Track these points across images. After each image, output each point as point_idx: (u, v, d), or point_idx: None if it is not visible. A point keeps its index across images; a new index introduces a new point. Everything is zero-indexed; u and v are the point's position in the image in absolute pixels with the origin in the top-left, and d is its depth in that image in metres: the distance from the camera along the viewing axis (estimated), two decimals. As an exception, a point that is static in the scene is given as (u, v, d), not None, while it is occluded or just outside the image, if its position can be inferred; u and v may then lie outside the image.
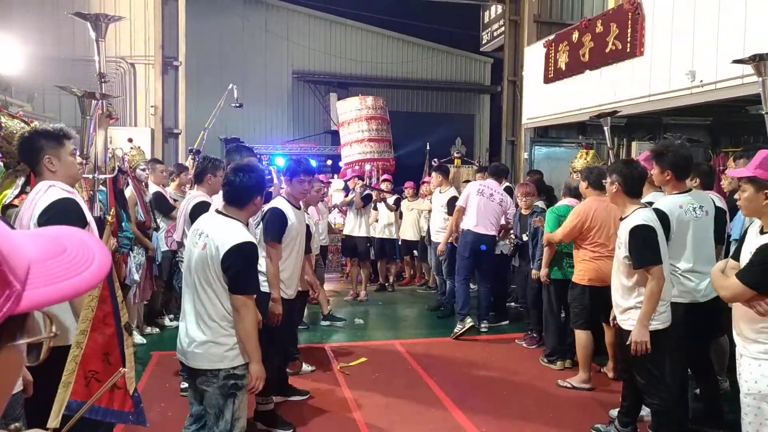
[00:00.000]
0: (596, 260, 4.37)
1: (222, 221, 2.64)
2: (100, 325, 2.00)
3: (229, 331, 2.54)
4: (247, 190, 2.65)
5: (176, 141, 9.51)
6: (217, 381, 2.53)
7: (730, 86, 5.94)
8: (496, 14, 11.73)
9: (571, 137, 10.20)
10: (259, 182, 2.71)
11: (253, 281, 2.61)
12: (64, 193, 2.36)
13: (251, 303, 2.56)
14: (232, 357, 2.55)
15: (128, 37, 9.08)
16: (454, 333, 5.86)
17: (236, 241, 2.51)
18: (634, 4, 7.33)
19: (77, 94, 3.07)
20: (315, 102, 16.18)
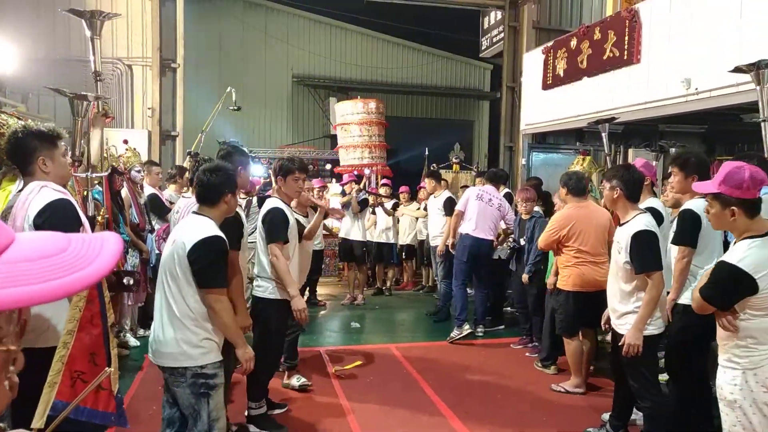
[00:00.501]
0: (579, 266, 4.40)
1: (193, 219, 2.69)
2: (87, 325, 1.99)
3: (194, 330, 2.52)
4: (216, 188, 2.69)
5: (174, 143, 9.50)
6: (185, 380, 2.52)
7: (725, 94, 5.97)
8: (496, 20, 11.77)
9: (569, 144, 10.22)
10: (228, 180, 2.74)
11: (221, 275, 2.57)
12: (57, 193, 2.35)
13: (224, 297, 2.56)
14: (197, 355, 2.52)
15: (125, 38, 9.08)
16: (451, 338, 5.85)
17: (203, 236, 2.52)
18: (632, 12, 7.36)
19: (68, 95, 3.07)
20: (314, 106, 16.18)
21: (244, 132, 15.27)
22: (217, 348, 2.60)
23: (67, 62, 8.62)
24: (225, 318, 2.55)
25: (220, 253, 2.57)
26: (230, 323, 2.58)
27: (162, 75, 9.39)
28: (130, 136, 8.06)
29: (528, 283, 5.42)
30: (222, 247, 2.57)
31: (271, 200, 3.81)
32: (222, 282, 2.57)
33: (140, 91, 9.37)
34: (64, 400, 1.87)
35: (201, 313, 2.53)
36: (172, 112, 9.62)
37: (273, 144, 15.05)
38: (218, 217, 2.72)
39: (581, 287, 4.36)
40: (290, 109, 16.03)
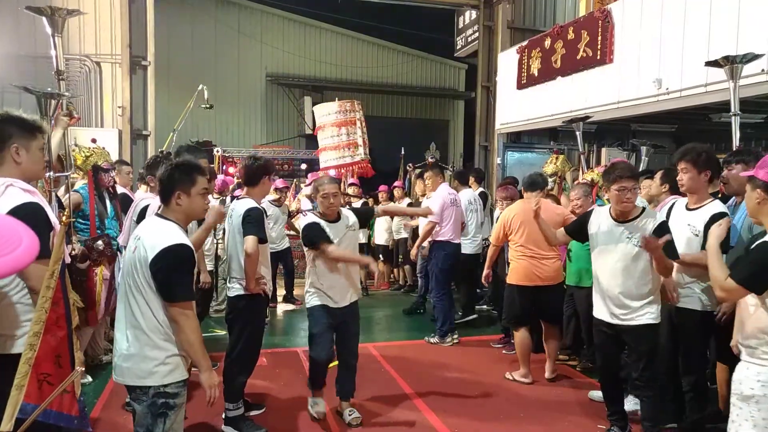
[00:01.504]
0: (519, 260, 4.59)
1: (155, 223, 2.45)
2: (53, 327, 1.93)
3: (159, 345, 2.32)
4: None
5: (145, 143, 9.31)
6: (146, 399, 2.33)
7: (694, 94, 6.10)
8: (471, 20, 11.83)
9: (543, 143, 10.33)
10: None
11: (187, 287, 2.37)
12: (26, 195, 2.17)
13: (190, 311, 2.35)
14: (163, 373, 2.33)
15: (93, 34, 8.85)
16: (430, 343, 5.79)
17: (167, 243, 2.29)
18: (604, 13, 7.47)
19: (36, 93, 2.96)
20: (289, 105, 16.08)
21: (218, 131, 15.10)
22: (184, 364, 2.40)
23: (33, 59, 8.36)
24: (190, 334, 2.33)
25: (186, 262, 2.35)
26: (195, 341, 2.35)
27: (132, 73, 9.18)
28: (100, 135, 7.86)
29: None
30: (188, 256, 2.35)
31: (247, 200, 3.75)
32: (188, 294, 2.36)
33: (110, 89, 9.15)
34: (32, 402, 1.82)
35: (172, 327, 2.35)
36: (143, 111, 9.42)
37: (247, 143, 14.90)
38: (184, 221, 2.50)
39: (520, 281, 4.56)
40: (264, 108, 15.90)
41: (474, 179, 7.61)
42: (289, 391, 4.48)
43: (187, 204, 2.45)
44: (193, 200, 2.46)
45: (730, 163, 3.52)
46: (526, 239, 4.54)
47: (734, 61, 4.36)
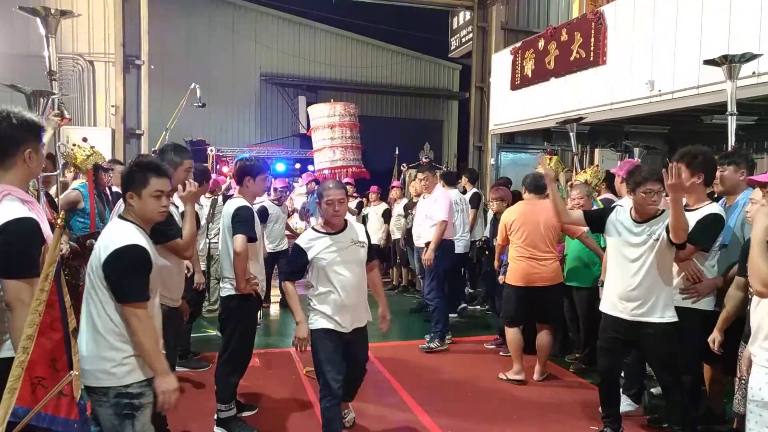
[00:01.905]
0: (518, 261, 4.63)
1: (114, 224, 2.41)
2: (47, 330, 1.91)
3: (116, 346, 2.28)
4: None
5: (138, 142, 9.28)
6: (107, 400, 2.28)
7: (686, 96, 6.15)
8: (465, 21, 11.86)
9: (537, 143, 10.37)
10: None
11: (139, 288, 2.30)
12: (22, 209, 2.09)
13: (142, 312, 2.28)
14: (121, 374, 2.28)
15: (86, 33, 8.81)
16: (430, 348, 5.61)
17: (120, 244, 2.26)
18: (597, 15, 7.51)
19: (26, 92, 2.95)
20: (283, 105, 16.05)
21: (212, 130, 15.05)
22: (144, 365, 2.33)
23: (26, 58, 8.32)
24: (141, 336, 2.26)
25: (139, 263, 2.30)
26: (147, 342, 2.28)
27: (126, 72, 9.14)
28: (93, 134, 7.83)
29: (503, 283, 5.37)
30: (141, 257, 2.30)
31: (238, 199, 3.75)
32: (140, 296, 2.29)
33: (103, 89, 9.12)
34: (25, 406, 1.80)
35: (126, 328, 2.29)
36: (137, 110, 9.39)
37: (241, 143, 14.87)
38: (143, 221, 2.44)
39: (518, 282, 4.61)
40: (258, 107, 15.87)
41: (468, 179, 7.63)
42: (282, 392, 4.48)
43: (139, 206, 2.40)
44: (144, 202, 2.40)
45: (722, 165, 3.55)
46: (524, 241, 4.58)
47: (732, 60, 4.39)
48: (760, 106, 6.51)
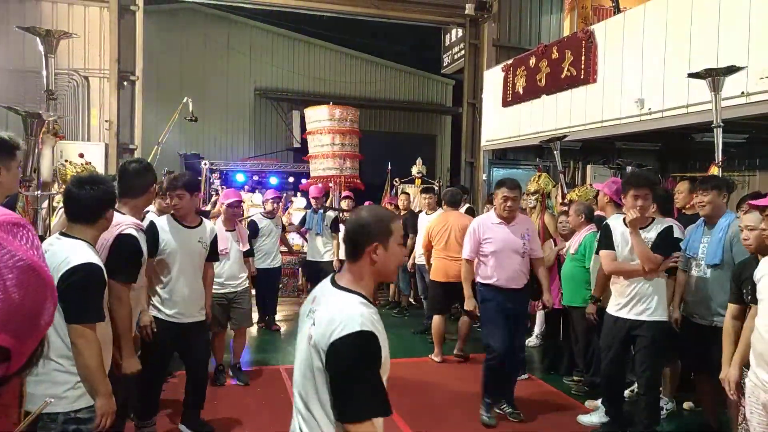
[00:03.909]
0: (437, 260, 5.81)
1: (63, 243, 2.31)
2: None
3: (69, 370, 2.21)
4: (94, 203, 2.36)
5: (131, 157, 9.27)
6: (55, 426, 2.16)
7: (676, 115, 6.22)
8: (457, 38, 11.97)
9: (529, 160, 10.44)
10: (106, 194, 2.42)
11: (90, 308, 2.23)
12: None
13: (90, 333, 2.21)
14: (73, 398, 2.21)
15: (82, 49, 8.85)
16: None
17: (71, 264, 2.19)
18: (588, 33, 7.62)
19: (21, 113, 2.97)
20: (277, 119, 16.12)
21: (206, 144, 15.08)
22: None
23: (21, 74, 8.34)
24: (86, 358, 2.19)
25: (92, 282, 2.24)
26: (92, 364, 2.21)
27: (120, 87, 9.16)
28: (87, 149, 7.83)
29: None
30: (95, 275, 2.25)
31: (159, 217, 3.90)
32: (90, 316, 2.22)
33: (97, 104, 9.13)
34: None
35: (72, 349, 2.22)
36: (131, 125, 9.40)
37: (235, 157, 14.89)
38: (94, 238, 2.40)
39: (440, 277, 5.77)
40: (252, 122, 15.93)
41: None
42: (269, 411, 4.45)
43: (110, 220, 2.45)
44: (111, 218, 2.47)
45: (705, 189, 3.65)
46: (443, 243, 5.75)
47: (715, 73, 4.50)
48: (751, 125, 6.60)
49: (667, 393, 4.47)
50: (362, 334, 1.56)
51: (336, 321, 1.59)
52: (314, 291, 1.83)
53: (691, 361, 4.00)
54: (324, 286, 1.79)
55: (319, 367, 1.61)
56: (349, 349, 1.56)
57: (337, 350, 1.56)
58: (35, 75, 7.27)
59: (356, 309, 1.62)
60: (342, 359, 1.56)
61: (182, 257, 3.61)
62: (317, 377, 1.62)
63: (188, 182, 3.73)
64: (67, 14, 8.97)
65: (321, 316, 1.65)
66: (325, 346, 1.58)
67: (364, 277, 1.75)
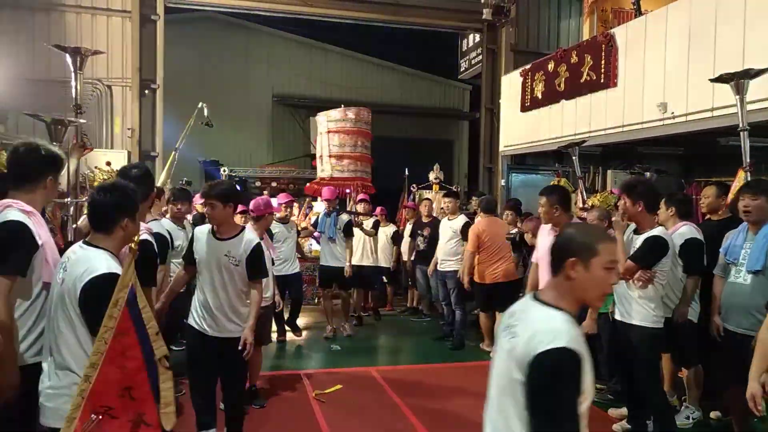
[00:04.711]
0: (482, 264, 6.18)
1: (84, 252, 2.24)
2: (118, 358, 1.86)
3: None
4: (110, 211, 2.28)
5: (153, 164, 9.40)
6: None
7: (700, 118, 6.12)
8: (474, 43, 11.95)
9: (548, 165, 10.36)
10: (124, 202, 2.31)
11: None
12: (18, 214, 2.29)
13: None
14: None
15: (105, 59, 9.00)
16: None
17: (94, 273, 2.12)
18: (608, 37, 7.54)
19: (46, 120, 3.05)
20: (295, 125, 16.22)
21: (225, 151, 15.22)
22: None
23: (47, 83, 8.50)
24: None
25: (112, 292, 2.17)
26: None
27: (142, 95, 9.31)
28: (110, 157, 7.96)
29: None
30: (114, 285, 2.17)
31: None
32: None
33: (120, 112, 9.28)
34: None
35: None
36: (152, 133, 9.53)
37: (253, 163, 15.01)
38: (115, 248, 2.30)
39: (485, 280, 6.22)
40: (271, 128, 16.05)
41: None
42: (291, 416, 4.45)
43: (133, 231, 2.34)
44: (135, 228, 2.38)
45: (756, 194, 3.59)
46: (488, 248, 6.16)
47: (740, 76, 4.42)
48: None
49: (691, 401, 4.38)
50: (567, 351, 1.54)
51: (540, 334, 1.58)
52: (513, 306, 1.82)
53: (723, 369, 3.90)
54: (525, 301, 1.78)
55: (518, 380, 1.59)
56: (552, 364, 1.54)
57: (539, 363, 1.54)
58: (60, 85, 7.42)
59: (563, 325, 1.61)
60: (543, 373, 1.54)
61: (207, 269, 3.53)
62: (516, 390, 1.60)
63: (222, 192, 3.49)
64: (90, 25, 9.14)
65: (523, 328, 1.65)
66: (528, 358, 1.56)
67: (564, 294, 1.71)
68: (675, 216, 4.36)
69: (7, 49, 8.52)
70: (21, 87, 8.33)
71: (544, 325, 1.61)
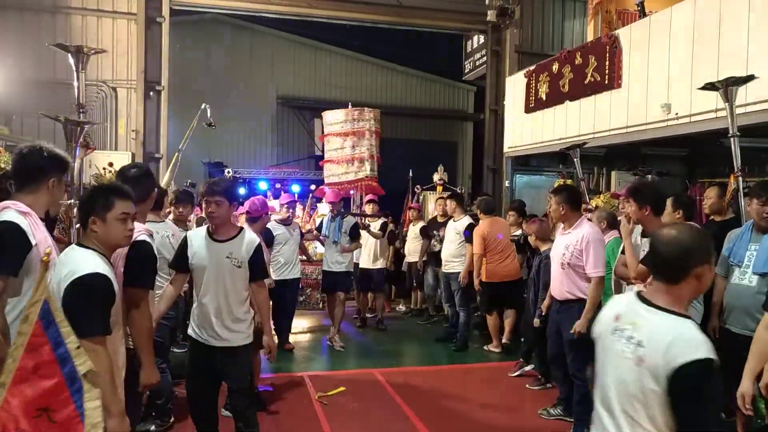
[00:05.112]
0: (489, 264, 6.27)
1: (72, 253, 2.25)
2: (31, 377, 1.71)
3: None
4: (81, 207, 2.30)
5: (157, 165, 9.44)
6: None
7: (704, 119, 6.09)
8: (479, 44, 11.95)
9: (552, 166, 10.33)
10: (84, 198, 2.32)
11: (95, 321, 2.11)
12: (12, 215, 2.29)
13: (100, 348, 2.10)
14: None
15: (110, 61, 9.06)
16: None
17: (77, 274, 2.10)
18: (612, 38, 7.52)
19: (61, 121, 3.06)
20: (299, 127, 16.26)
21: (229, 152, 15.29)
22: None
23: (52, 85, 8.56)
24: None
25: (97, 293, 2.13)
26: (103, 381, 2.07)
27: (146, 97, 9.35)
28: (114, 158, 7.99)
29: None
30: (99, 286, 2.14)
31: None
32: (96, 329, 2.11)
33: (125, 113, 9.32)
34: None
35: None
36: (156, 134, 9.56)
37: (257, 165, 15.05)
38: (110, 249, 2.33)
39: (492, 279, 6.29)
40: (275, 130, 16.11)
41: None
42: (293, 418, 4.46)
43: (103, 230, 2.27)
44: (109, 226, 2.28)
45: (762, 197, 3.57)
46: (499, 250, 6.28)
47: (728, 83, 4.40)
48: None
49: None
50: (711, 362, 1.58)
51: (679, 344, 1.61)
52: (616, 308, 1.85)
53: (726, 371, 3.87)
54: (632, 305, 1.80)
55: (653, 389, 1.63)
56: (699, 375, 1.57)
57: (685, 375, 1.57)
58: (65, 86, 7.46)
59: (697, 335, 1.64)
60: (690, 385, 1.58)
61: (208, 274, 3.25)
62: (649, 398, 1.64)
63: (228, 188, 3.32)
64: (96, 27, 9.20)
65: (648, 337, 1.68)
66: (668, 369, 1.59)
67: (681, 299, 1.74)
68: (681, 218, 4.34)
69: (12, 51, 8.58)
70: (26, 89, 8.39)
71: (678, 334, 1.64)
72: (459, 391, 5.16)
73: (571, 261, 4.08)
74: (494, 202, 6.81)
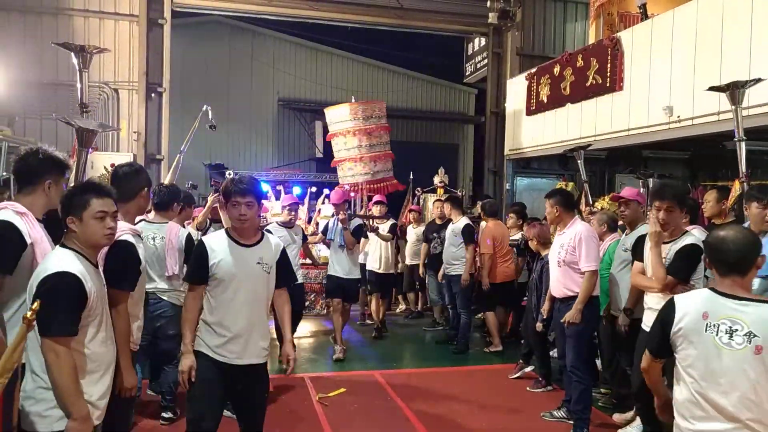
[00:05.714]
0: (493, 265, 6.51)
1: (52, 252, 2.26)
2: None
3: (50, 386, 2.10)
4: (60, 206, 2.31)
5: (159, 167, 9.44)
6: None
7: (707, 122, 6.09)
8: (480, 47, 11.96)
9: (553, 168, 10.34)
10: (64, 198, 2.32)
11: (60, 321, 2.07)
12: (8, 215, 2.32)
13: (61, 349, 2.06)
14: (55, 418, 2.10)
15: (112, 62, 9.07)
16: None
17: (44, 274, 2.10)
18: (614, 40, 7.52)
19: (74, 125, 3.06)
20: (300, 129, 16.28)
21: (230, 154, 15.31)
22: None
23: (55, 87, 8.57)
24: (56, 374, 2.05)
25: (60, 293, 2.07)
26: (62, 382, 2.06)
27: (148, 99, 9.36)
28: (116, 160, 7.98)
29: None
30: (68, 285, 2.09)
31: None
32: (60, 329, 2.07)
33: (126, 115, 9.33)
34: None
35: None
36: (158, 136, 9.57)
37: (258, 166, 15.06)
38: (91, 248, 2.29)
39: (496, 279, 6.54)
40: (276, 132, 16.13)
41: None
42: (294, 419, 4.45)
43: (81, 230, 2.23)
44: (86, 225, 2.24)
45: (762, 201, 3.56)
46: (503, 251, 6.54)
47: (735, 86, 4.40)
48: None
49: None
50: None
51: None
52: (696, 307, 2.09)
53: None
54: (715, 302, 2.06)
55: None
56: None
57: None
58: (67, 88, 7.47)
59: None
60: None
61: (238, 283, 2.89)
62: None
63: (259, 188, 3.01)
64: (98, 28, 9.20)
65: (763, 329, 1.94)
66: None
67: (750, 288, 2.12)
68: (687, 222, 4.34)
69: (14, 52, 8.59)
70: (29, 90, 8.40)
71: None
72: (459, 392, 5.15)
73: (567, 258, 4.20)
74: (497, 204, 6.99)
